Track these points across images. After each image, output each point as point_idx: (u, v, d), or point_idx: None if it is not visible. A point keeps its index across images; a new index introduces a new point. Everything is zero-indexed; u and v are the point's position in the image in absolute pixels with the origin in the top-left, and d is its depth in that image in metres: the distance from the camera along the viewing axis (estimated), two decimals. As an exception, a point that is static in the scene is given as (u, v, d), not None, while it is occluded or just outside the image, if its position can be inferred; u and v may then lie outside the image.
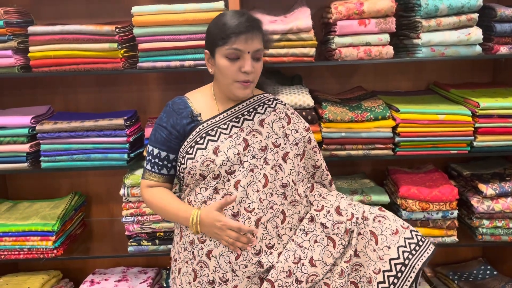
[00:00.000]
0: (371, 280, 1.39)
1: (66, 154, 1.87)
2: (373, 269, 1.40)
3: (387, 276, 1.37)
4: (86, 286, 2.01)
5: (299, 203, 1.46)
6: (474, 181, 1.96)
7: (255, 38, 1.34)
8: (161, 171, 1.46)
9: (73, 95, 2.21)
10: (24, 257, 1.92)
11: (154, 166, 1.46)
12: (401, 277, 1.37)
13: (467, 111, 1.84)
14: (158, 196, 1.45)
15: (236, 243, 1.35)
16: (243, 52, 1.34)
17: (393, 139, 1.87)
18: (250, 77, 1.36)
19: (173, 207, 1.42)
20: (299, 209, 1.47)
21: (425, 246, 1.40)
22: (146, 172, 1.48)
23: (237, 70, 1.35)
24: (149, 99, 2.21)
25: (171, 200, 1.44)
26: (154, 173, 1.46)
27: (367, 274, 1.40)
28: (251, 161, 1.41)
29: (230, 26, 1.33)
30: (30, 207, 2.11)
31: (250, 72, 1.35)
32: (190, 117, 1.44)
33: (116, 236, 2.12)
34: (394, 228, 1.42)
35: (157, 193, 1.45)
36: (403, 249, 1.38)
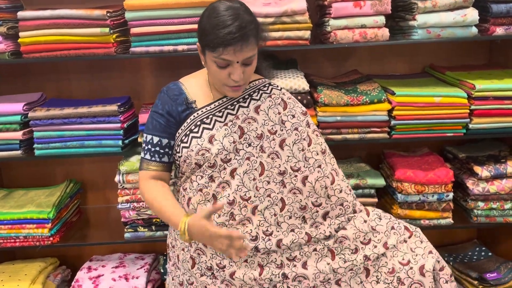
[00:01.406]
0: None
1: (59, 141, 1.86)
2: None
3: None
4: (83, 273, 2.02)
5: (301, 191, 1.41)
6: (470, 164, 1.96)
7: (245, 47, 1.27)
8: (163, 159, 1.41)
9: (66, 81, 2.18)
10: (20, 245, 1.92)
11: (154, 154, 1.40)
12: None
13: (463, 93, 1.83)
14: (153, 194, 1.37)
15: (230, 250, 1.22)
16: (232, 62, 1.29)
17: (389, 123, 1.86)
18: (240, 82, 1.33)
19: (167, 210, 1.33)
20: (300, 198, 1.42)
21: None
22: (144, 162, 1.41)
23: (227, 76, 1.32)
24: (143, 85, 2.19)
25: (166, 202, 1.34)
26: (154, 162, 1.40)
27: None
28: (247, 149, 1.39)
29: (218, 35, 1.24)
30: (25, 195, 2.10)
31: (239, 80, 1.31)
32: (185, 104, 1.41)
33: (112, 223, 2.12)
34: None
35: (152, 191, 1.38)
36: None
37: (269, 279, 1.38)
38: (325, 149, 1.48)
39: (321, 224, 1.42)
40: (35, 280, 1.97)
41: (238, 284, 1.39)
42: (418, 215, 1.92)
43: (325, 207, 1.43)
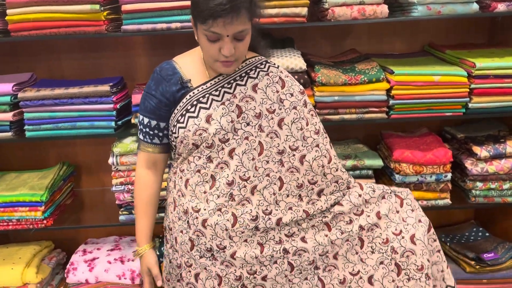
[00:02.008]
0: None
1: (50, 122, 1.81)
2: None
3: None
4: (78, 256, 2.00)
5: (298, 170, 1.40)
6: (468, 144, 1.94)
7: (236, 20, 1.21)
8: (153, 140, 1.41)
9: (56, 61, 2.12)
10: (13, 228, 1.89)
11: (146, 135, 1.41)
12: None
13: (463, 72, 1.79)
14: (141, 198, 1.47)
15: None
16: (222, 35, 1.24)
17: (387, 102, 1.83)
18: (231, 57, 1.29)
19: (139, 226, 1.49)
20: (297, 176, 1.41)
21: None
22: (140, 143, 1.45)
23: (217, 51, 1.27)
24: (136, 65, 2.14)
25: (145, 215, 1.48)
26: (147, 143, 1.42)
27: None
28: (246, 128, 1.36)
29: (208, 6, 1.19)
30: (17, 177, 2.07)
31: (229, 55, 1.27)
32: (179, 83, 1.37)
33: (107, 205, 2.09)
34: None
35: (143, 192, 1.47)
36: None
37: (270, 256, 1.38)
38: (319, 129, 1.46)
39: (317, 201, 1.42)
40: (30, 263, 1.95)
41: (239, 264, 1.38)
42: (416, 196, 1.88)
43: (320, 184, 1.43)
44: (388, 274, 1.41)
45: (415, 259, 1.40)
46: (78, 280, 1.92)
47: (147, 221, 1.47)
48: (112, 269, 1.93)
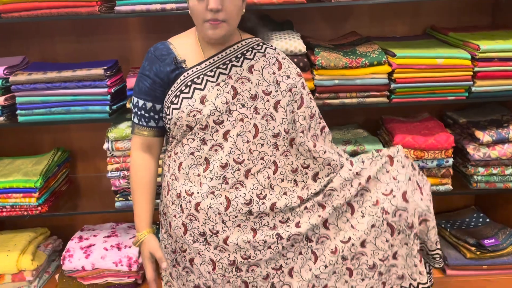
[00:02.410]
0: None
1: (43, 107, 1.77)
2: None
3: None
4: (75, 243, 1.97)
5: (291, 153, 1.40)
6: (471, 129, 1.90)
7: None
8: (149, 123, 1.38)
9: (49, 45, 2.07)
10: (7, 214, 1.86)
11: (141, 118, 1.38)
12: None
13: (467, 55, 1.75)
14: (138, 182, 1.42)
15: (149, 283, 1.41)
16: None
17: (389, 86, 1.79)
18: (219, 15, 1.25)
19: (138, 211, 1.43)
20: (291, 160, 1.40)
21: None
22: (134, 127, 1.40)
23: (205, 9, 1.25)
24: (131, 48, 2.09)
25: (143, 200, 1.42)
26: (142, 126, 1.39)
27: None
28: (241, 110, 1.33)
29: None
30: (11, 163, 2.03)
31: (215, 9, 1.23)
32: (174, 63, 1.34)
33: (103, 191, 2.06)
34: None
35: (139, 176, 1.42)
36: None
37: (263, 241, 1.35)
38: (315, 114, 1.44)
39: (312, 185, 1.41)
40: (25, 250, 1.93)
41: (232, 249, 1.35)
42: (416, 182, 1.87)
43: (313, 168, 1.41)
44: (381, 234, 1.39)
45: (406, 216, 1.38)
46: (75, 267, 1.89)
47: (145, 206, 1.42)
48: (109, 256, 1.90)
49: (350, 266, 1.41)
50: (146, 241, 1.40)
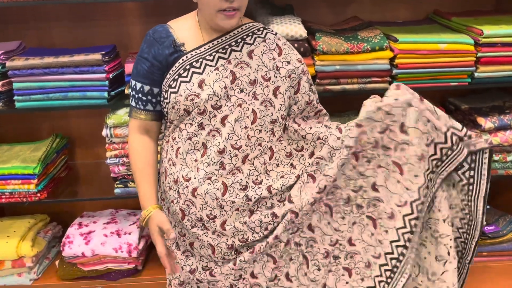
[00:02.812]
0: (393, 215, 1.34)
1: (41, 92, 1.75)
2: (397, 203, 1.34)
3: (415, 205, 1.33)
4: (74, 229, 1.97)
5: (284, 138, 1.41)
6: (473, 115, 1.89)
7: None
8: (146, 107, 1.36)
9: (46, 30, 2.04)
10: (6, 201, 1.86)
11: (139, 102, 1.36)
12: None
13: (470, 40, 1.72)
14: (138, 161, 1.38)
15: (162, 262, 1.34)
16: None
17: (390, 72, 1.77)
18: (235, 4, 1.23)
19: (142, 189, 1.37)
20: (285, 145, 1.41)
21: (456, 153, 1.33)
22: (132, 110, 1.39)
23: (219, 0, 1.22)
24: (129, 34, 2.06)
25: (145, 177, 1.37)
26: (139, 110, 1.37)
27: (387, 210, 1.35)
28: (239, 95, 1.32)
29: None
30: (9, 150, 2.02)
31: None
32: (172, 46, 1.32)
33: (102, 178, 2.05)
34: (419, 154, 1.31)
35: (139, 155, 1.38)
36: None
37: (259, 221, 1.36)
38: (312, 100, 1.43)
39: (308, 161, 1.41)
40: (25, 237, 1.93)
41: (230, 233, 1.36)
42: (417, 169, 1.86)
43: (307, 147, 1.42)
44: (364, 229, 1.38)
45: (384, 206, 1.35)
46: (74, 253, 1.89)
47: (149, 185, 1.37)
48: (109, 242, 1.90)
49: (346, 266, 1.41)
50: (153, 216, 1.32)
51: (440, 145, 1.33)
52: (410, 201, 1.32)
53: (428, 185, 1.33)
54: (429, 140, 1.32)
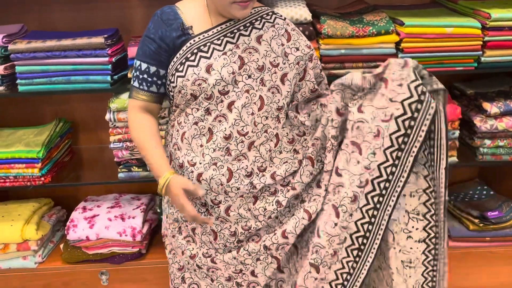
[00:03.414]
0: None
1: (44, 76, 1.74)
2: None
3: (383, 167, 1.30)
4: (78, 213, 1.98)
5: (286, 125, 1.41)
6: (478, 100, 1.87)
7: None
8: (150, 88, 1.33)
9: (48, 13, 2.02)
10: (10, 185, 1.86)
11: (142, 82, 1.32)
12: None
13: (477, 23, 1.70)
14: (140, 135, 1.33)
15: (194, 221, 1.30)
16: None
17: (396, 56, 1.75)
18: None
19: (152, 158, 1.30)
20: (287, 131, 1.41)
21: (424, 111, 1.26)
22: (133, 90, 1.35)
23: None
24: (132, 17, 2.04)
25: (154, 146, 1.31)
26: (142, 91, 1.33)
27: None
28: (247, 81, 1.31)
29: None
30: (13, 134, 2.02)
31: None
32: (180, 29, 1.30)
33: (106, 163, 2.05)
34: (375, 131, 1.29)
35: (143, 127, 1.32)
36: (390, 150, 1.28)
37: (263, 208, 1.36)
38: (316, 89, 1.42)
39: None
40: (29, 220, 1.94)
41: (234, 219, 1.36)
42: (421, 154, 1.86)
43: (309, 132, 1.42)
44: (329, 219, 1.36)
45: (345, 191, 1.33)
46: (79, 237, 1.91)
47: (159, 151, 1.31)
48: (113, 226, 1.91)
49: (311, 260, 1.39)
50: (173, 180, 1.26)
51: (400, 118, 1.27)
52: (371, 179, 1.30)
53: (396, 163, 1.30)
54: (387, 115, 1.29)
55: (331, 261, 1.35)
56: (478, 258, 1.95)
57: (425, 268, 1.37)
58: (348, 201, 1.32)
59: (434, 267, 1.37)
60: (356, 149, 1.32)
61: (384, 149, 1.28)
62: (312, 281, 1.36)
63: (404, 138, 1.28)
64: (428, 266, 1.37)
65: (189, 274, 1.44)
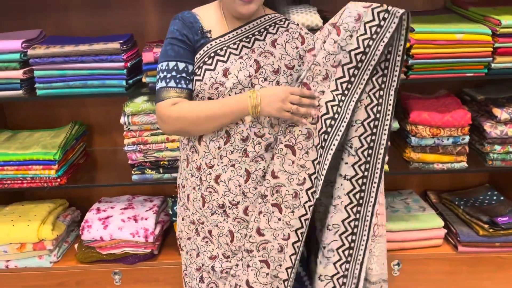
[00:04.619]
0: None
1: (61, 80, 1.79)
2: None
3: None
4: (93, 214, 2.02)
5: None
6: (488, 106, 1.88)
7: None
8: (189, 85, 1.31)
9: (64, 18, 2.07)
10: (27, 185, 1.91)
11: (181, 81, 1.29)
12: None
13: (487, 30, 1.71)
14: (187, 106, 1.28)
15: (299, 109, 1.28)
16: None
17: (406, 62, 1.76)
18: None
19: (213, 106, 1.27)
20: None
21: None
22: (164, 91, 1.28)
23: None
24: (146, 23, 2.08)
25: (205, 102, 1.28)
26: (180, 89, 1.28)
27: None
28: (263, 84, 1.33)
29: None
30: (30, 136, 2.07)
31: None
32: (200, 32, 1.33)
33: (120, 165, 2.09)
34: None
35: (183, 105, 1.28)
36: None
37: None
38: (325, 91, 1.41)
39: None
40: (45, 221, 1.99)
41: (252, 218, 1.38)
42: (431, 159, 1.87)
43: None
44: (271, 217, 1.36)
45: (286, 189, 1.34)
46: (93, 237, 1.95)
47: (219, 100, 1.31)
48: (126, 227, 1.95)
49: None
50: (263, 91, 1.28)
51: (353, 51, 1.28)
52: (320, 115, 1.32)
53: (344, 96, 1.30)
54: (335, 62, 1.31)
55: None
56: (488, 263, 1.95)
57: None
58: (302, 138, 1.34)
59: (357, 214, 1.36)
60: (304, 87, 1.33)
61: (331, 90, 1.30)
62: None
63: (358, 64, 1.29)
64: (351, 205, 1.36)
65: (206, 274, 1.47)
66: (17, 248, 1.94)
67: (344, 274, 1.39)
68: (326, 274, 1.40)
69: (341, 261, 1.39)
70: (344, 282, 1.40)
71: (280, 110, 1.27)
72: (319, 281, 1.41)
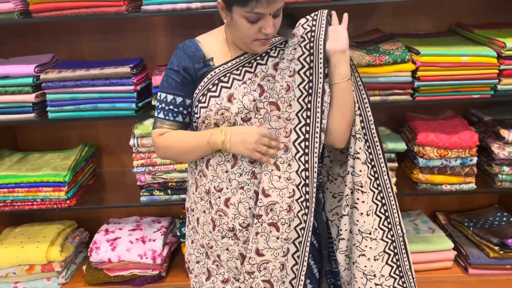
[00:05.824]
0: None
1: (72, 104, 1.82)
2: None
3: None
4: (101, 235, 2.03)
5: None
6: (496, 127, 1.88)
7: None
8: (176, 118, 1.37)
9: (77, 43, 2.13)
10: (37, 207, 1.93)
11: (168, 113, 1.36)
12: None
13: (492, 52, 1.73)
14: (172, 136, 1.35)
15: (269, 150, 1.31)
16: (265, 14, 1.24)
17: (412, 84, 1.78)
18: (270, 34, 1.29)
19: (192, 138, 1.34)
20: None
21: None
22: (157, 121, 1.39)
23: (257, 31, 1.27)
24: (156, 46, 2.12)
25: (188, 133, 1.35)
26: (167, 121, 1.36)
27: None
28: (268, 107, 1.35)
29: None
30: (40, 158, 2.10)
31: (271, 34, 1.28)
32: (202, 61, 1.36)
33: (128, 186, 2.11)
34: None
35: (170, 135, 1.36)
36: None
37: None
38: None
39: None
40: (54, 242, 2.00)
41: None
42: (439, 180, 1.87)
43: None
44: (269, 237, 1.35)
45: (280, 206, 1.33)
46: (101, 259, 1.95)
47: (196, 132, 1.37)
48: (134, 249, 1.96)
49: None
50: (236, 128, 1.32)
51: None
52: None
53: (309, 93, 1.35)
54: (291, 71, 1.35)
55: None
56: (499, 286, 1.92)
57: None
58: (282, 152, 1.36)
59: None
60: (274, 107, 1.36)
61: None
62: None
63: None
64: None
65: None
66: (26, 270, 1.95)
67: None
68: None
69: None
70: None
71: (252, 151, 1.30)
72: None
